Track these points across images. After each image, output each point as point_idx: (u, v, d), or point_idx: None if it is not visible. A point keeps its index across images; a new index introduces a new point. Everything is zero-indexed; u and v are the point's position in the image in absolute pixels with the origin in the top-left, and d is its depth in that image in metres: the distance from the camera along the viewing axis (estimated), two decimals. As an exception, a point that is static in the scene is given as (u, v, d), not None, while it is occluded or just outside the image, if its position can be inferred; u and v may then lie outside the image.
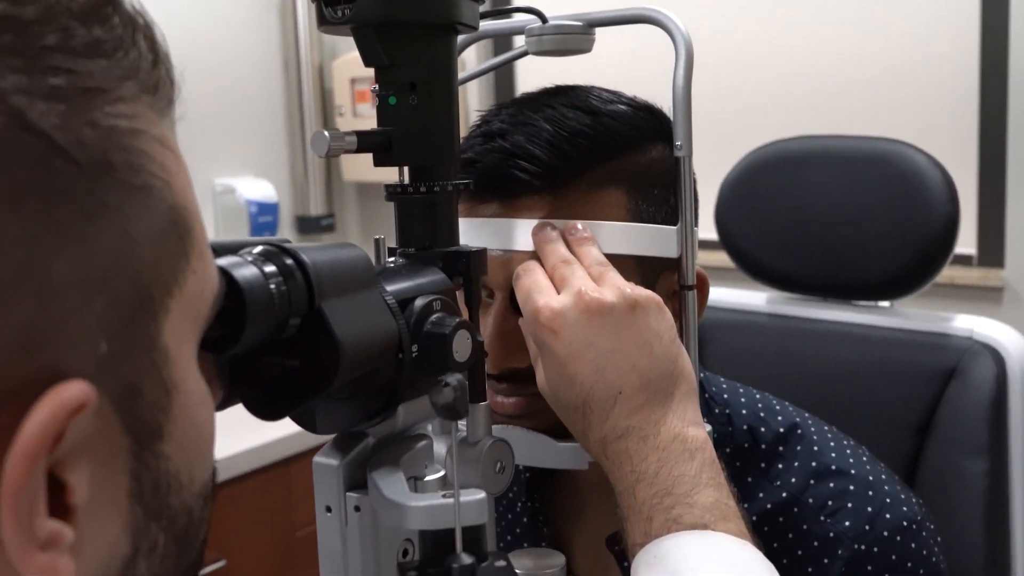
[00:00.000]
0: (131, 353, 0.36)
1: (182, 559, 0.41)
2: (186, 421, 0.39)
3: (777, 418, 0.90)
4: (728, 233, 1.38)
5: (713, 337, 1.42)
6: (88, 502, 0.35)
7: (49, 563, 0.33)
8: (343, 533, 0.56)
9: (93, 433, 0.34)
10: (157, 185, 0.37)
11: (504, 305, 0.77)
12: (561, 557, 0.72)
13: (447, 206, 0.63)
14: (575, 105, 0.79)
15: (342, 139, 0.58)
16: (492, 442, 0.61)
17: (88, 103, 0.34)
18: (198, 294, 0.40)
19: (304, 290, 0.48)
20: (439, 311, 0.56)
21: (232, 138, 2.66)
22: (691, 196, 0.78)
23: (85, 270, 0.33)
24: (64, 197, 0.33)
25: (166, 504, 0.39)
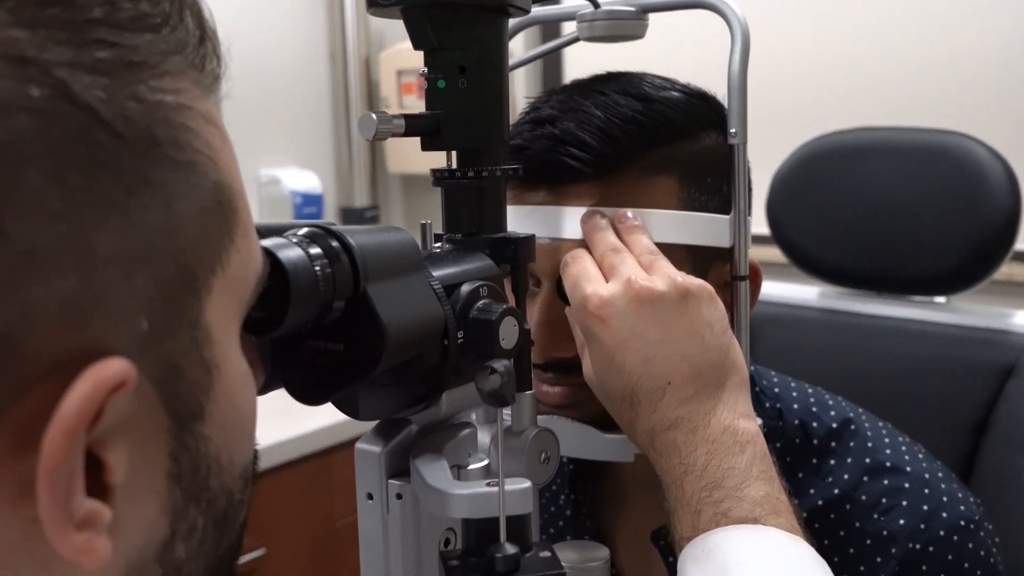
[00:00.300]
0: (172, 331, 0.35)
1: (222, 542, 0.41)
2: (227, 402, 0.39)
3: (830, 413, 0.88)
4: (780, 226, 1.37)
5: (763, 332, 1.41)
6: (126, 482, 0.34)
7: (86, 543, 0.33)
8: (384, 521, 0.55)
9: (133, 412, 0.34)
10: (202, 161, 0.36)
11: (551, 294, 0.76)
12: (605, 550, 0.71)
13: (495, 192, 0.63)
14: (627, 91, 0.77)
15: (390, 122, 0.57)
16: (537, 432, 0.61)
17: (133, 77, 0.34)
18: (241, 274, 0.39)
19: (349, 273, 0.47)
20: (486, 297, 0.55)
21: (278, 129, 2.68)
22: (745, 185, 0.76)
23: (127, 245, 0.33)
24: (107, 171, 0.32)
25: (206, 486, 0.39)
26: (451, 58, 0.59)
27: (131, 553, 0.36)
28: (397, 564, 0.55)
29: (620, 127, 0.75)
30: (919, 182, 1.25)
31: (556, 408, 0.79)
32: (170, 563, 0.38)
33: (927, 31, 2.07)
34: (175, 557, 0.38)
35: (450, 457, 0.55)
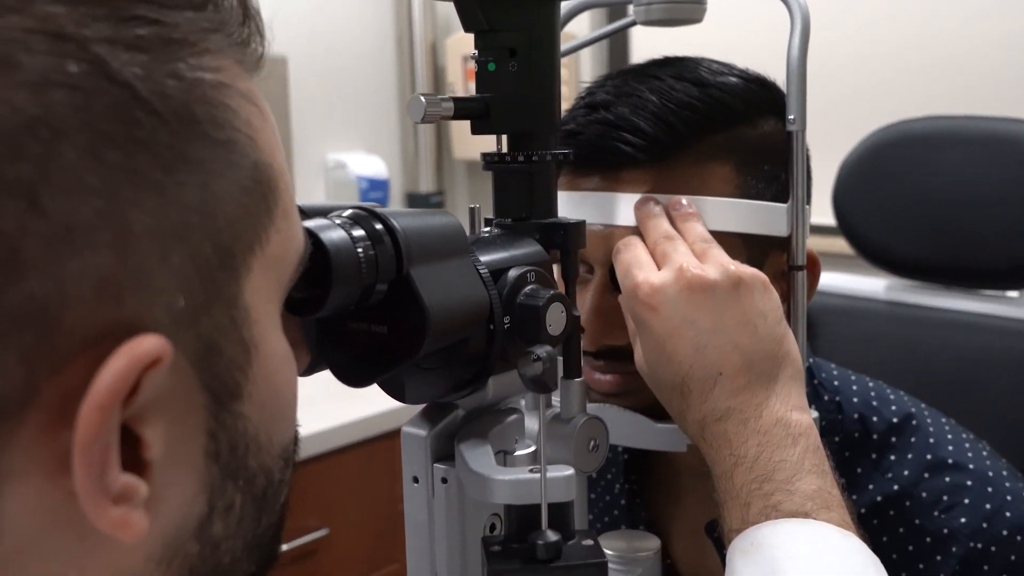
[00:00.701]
0: (210, 310, 0.35)
1: (261, 521, 0.41)
2: (266, 382, 0.39)
3: (891, 407, 0.86)
4: (847, 217, 1.34)
5: (827, 324, 1.39)
6: (163, 458, 0.35)
7: (122, 517, 0.33)
8: (429, 504, 0.55)
9: (169, 389, 0.34)
10: (241, 140, 0.36)
11: (603, 281, 0.75)
12: (656, 540, 0.71)
13: (546, 176, 0.62)
14: (683, 76, 0.76)
15: (439, 105, 0.57)
16: (586, 419, 0.60)
17: (172, 54, 0.34)
18: (282, 254, 0.39)
19: (392, 255, 0.47)
20: (533, 283, 0.55)
21: (345, 114, 2.70)
22: (803, 172, 0.74)
23: (163, 223, 0.33)
24: (144, 148, 0.32)
25: (244, 465, 0.39)
26: (502, 40, 0.59)
27: (168, 529, 0.37)
28: (442, 548, 0.55)
29: (675, 112, 0.74)
30: (992, 172, 1.21)
31: (608, 396, 0.78)
32: (208, 540, 0.38)
33: (1004, 13, 2.00)
34: (213, 534, 0.38)
35: (496, 443, 0.55)
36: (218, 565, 0.39)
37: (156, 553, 0.37)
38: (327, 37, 2.64)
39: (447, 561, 0.55)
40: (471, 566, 0.54)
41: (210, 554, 0.39)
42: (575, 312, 0.60)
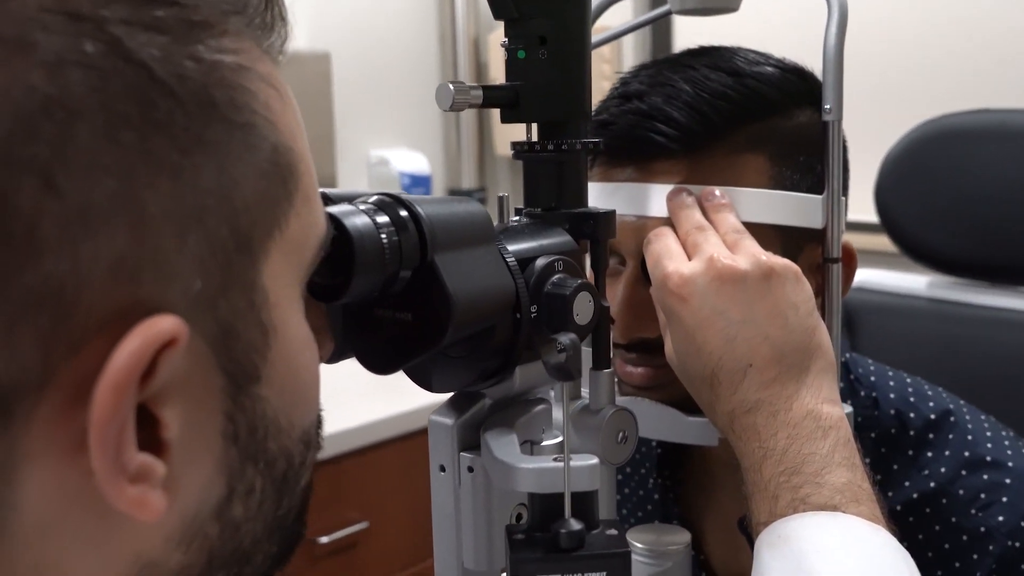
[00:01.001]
0: (228, 293, 0.35)
1: (282, 503, 0.41)
2: (285, 365, 0.39)
3: (928, 404, 0.84)
4: (889, 213, 1.32)
5: (868, 321, 1.37)
6: (181, 439, 0.35)
7: (139, 497, 0.33)
8: (456, 493, 0.55)
9: (187, 370, 0.34)
10: (260, 123, 0.36)
11: (635, 273, 0.75)
12: (686, 534, 0.70)
13: (576, 165, 0.61)
14: (718, 66, 0.75)
15: (467, 92, 0.56)
16: (614, 411, 0.59)
17: (192, 36, 0.34)
18: (302, 239, 0.39)
19: (417, 242, 0.47)
20: (561, 272, 0.54)
21: (387, 110, 2.71)
22: (839, 163, 0.73)
23: (180, 205, 0.33)
24: (160, 130, 0.32)
25: (263, 448, 0.38)
26: (532, 28, 0.58)
27: (188, 509, 0.37)
28: (468, 537, 0.55)
29: (709, 102, 0.73)
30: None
31: (639, 389, 0.77)
32: (228, 522, 0.38)
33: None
34: (233, 516, 0.38)
35: (523, 432, 0.55)
36: (239, 547, 0.39)
37: (176, 534, 0.37)
38: (370, 33, 2.65)
39: (473, 550, 0.55)
40: (496, 555, 0.54)
41: (230, 536, 0.39)
42: (604, 302, 0.59)
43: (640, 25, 0.85)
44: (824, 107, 0.72)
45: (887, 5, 2.07)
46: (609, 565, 0.46)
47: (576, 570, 0.46)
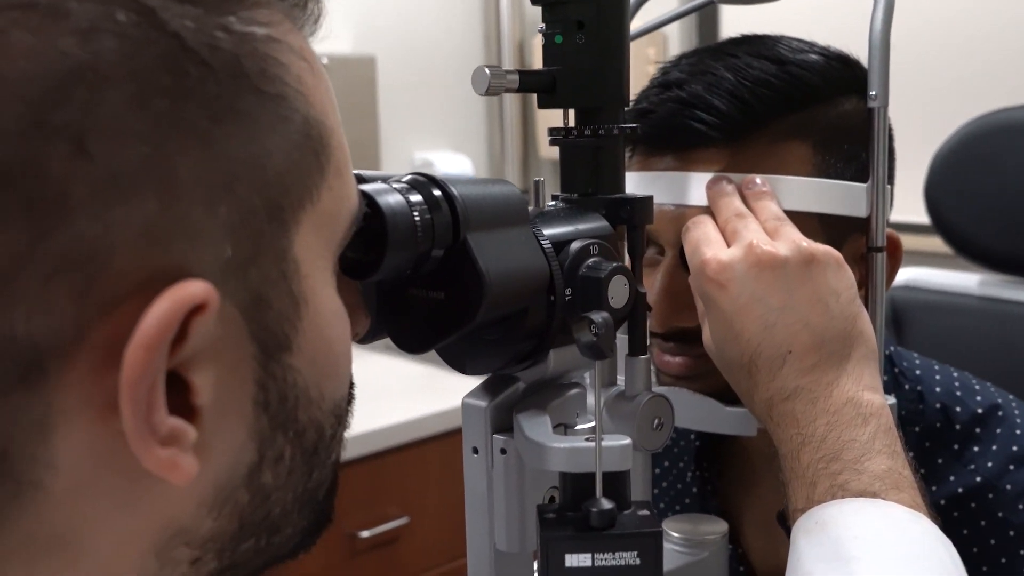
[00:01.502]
0: (259, 262, 0.36)
1: (312, 475, 0.41)
2: (317, 336, 0.39)
3: (975, 398, 0.83)
4: (939, 209, 1.30)
5: (918, 320, 1.36)
6: (212, 405, 0.35)
7: (170, 459, 0.34)
8: (488, 475, 0.55)
9: (218, 337, 0.35)
10: (291, 95, 0.36)
11: (674, 262, 0.74)
12: (723, 524, 0.69)
13: (613, 151, 0.61)
14: (760, 54, 0.74)
15: (503, 77, 0.56)
16: (650, 397, 0.59)
17: (225, 8, 0.34)
18: (334, 211, 0.39)
19: (449, 221, 0.47)
20: (596, 255, 0.54)
21: (432, 113, 2.73)
22: (884, 151, 0.72)
23: (210, 173, 0.33)
24: (192, 98, 0.33)
25: (294, 417, 0.39)
26: (569, 12, 0.58)
27: (219, 475, 0.37)
28: (500, 518, 0.55)
29: (751, 90, 0.72)
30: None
31: (678, 379, 0.77)
32: (258, 489, 0.39)
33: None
34: (263, 484, 0.39)
35: (556, 415, 0.55)
36: (268, 515, 0.40)
37: (207, 499, 0.37)
38: (415, 37, 2.67)
39: (505, 531, 0.55)
40: (528, 537, 0.54)
41: (260, 503, 0.39)
42: (640, 288, 0.59)
43: (683, 14, 0.84)
44: (870, 93, 0.71)
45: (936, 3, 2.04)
46: (640, 544, 0.46)
47: (607, 548, 0.46)
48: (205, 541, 0.38)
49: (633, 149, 0.78)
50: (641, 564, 0.46)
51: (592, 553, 0.46)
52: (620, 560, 0.46)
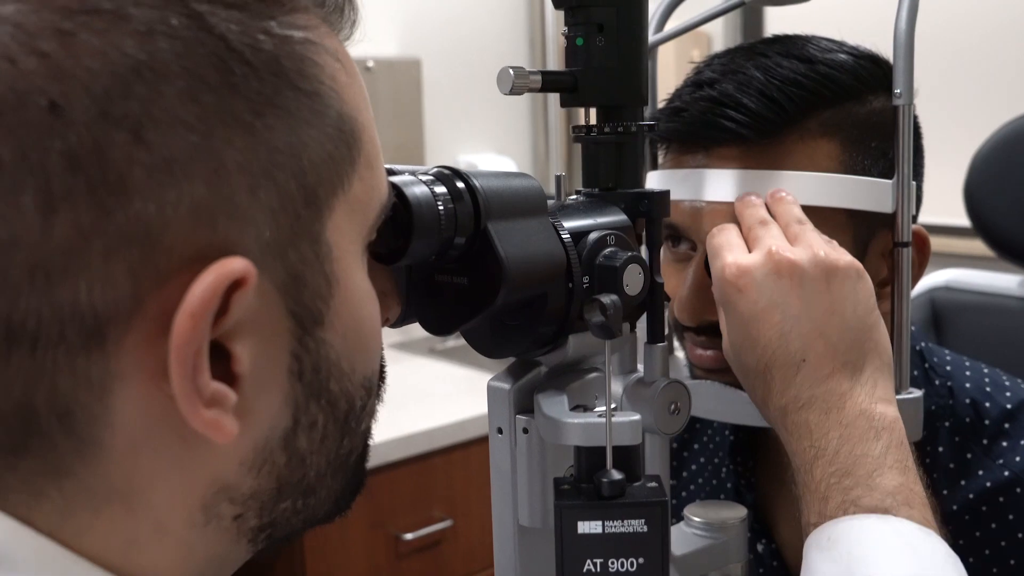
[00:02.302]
0: (295, 243, 0.40)
1: (343, 443, 0.46)
2: (348, 314, 0.44)
3: (1006, 394, 0.85)
4: (979, 210, 1.32)
5: (958, 319, 1.37)
6: (251, 373, 0.40)
7: (214, 419, 0.38)
8: (512, 453, 0.59)
9: (256, 311, 0.39)
10: (326, 93, 0.41)
11: (705, 257, 0.77)
12: (743, 509, 0.72)
13: (632, 147, 0.65)
14: (790, 53, 0.77)
15: (526, 77, 0.61)
16: (667, 383, 0.62)
17: (265, 13, 0.39)
18: (365, 200, 0.44)
19: (471, 211, 0.51)
20: (613, 245, 0.58)
21: (476, 114, 2.78)
22: (909, 147, 0.74)
23: (252, 160, 0.38)
24: (237, 93, 0.38)
25: (326, 387, 0.43)
26: (590, 16, 0.62)
27: (258, 437, 0.42)
28: (523, 494, 0.59)
29: (780, 89, 0.75)
30: None
31: (709, 372, 0.79)
32: (294, 452, 0.43)
33: None
34: (298, 447, 0.44)
35: (575, 397, 0.58)
36: (304, 477, 0.44)
37: (248, 459, 0.42)
38: (461, 39, 2.73)
39: (528, 507, 0.59)
40: (549, 512, 0.58)
41: (297, 466, 0.44)
42: (657, 278, 0.63)
43: (712, 17, 0.87)
44: (895, 91, 0.73)
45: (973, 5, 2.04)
46: (647, 513, 0.49)
47: (616, 516, 0.49)
48: (247, 499, 0.43)
49: (667, 147, 0.82)
50: (648, 531, 0.50)
51: (602, 521, 0.50)
52: (628, 527, 0.50)
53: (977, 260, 1.51)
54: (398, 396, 2.23)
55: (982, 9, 2.05)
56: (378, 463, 1.91)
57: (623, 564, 0.50)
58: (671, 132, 0.79)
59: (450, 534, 2.02)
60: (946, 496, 0.83)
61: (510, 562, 0.60)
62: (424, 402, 2.14)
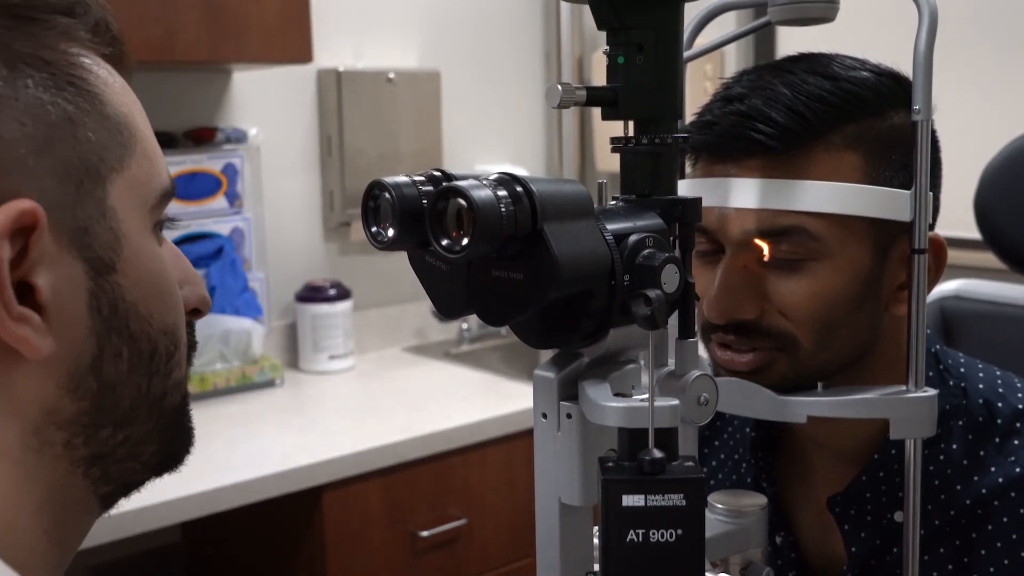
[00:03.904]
0: (82, 203, 0.52)
1: (153, 384, 0.56)
2: (138, 265, 0.54)
3: (1017, 395, 0.90)
4: (989, 223, 1.35)
5: (968, 328, 1.41)
6: (53, 301, 0.50)
7: (23, 335, 0.49)
8: (555, 437, 0.65)
9: (54, 254, 0.50)
10: (99, 92, 0.53)
11: (733, 259, 0.83)
12: (762, 498, 0.78)
13: (668, 158, 0.70)
14: (816, 71, 0.83)
15: (573, 92, 0.66)
16: (697, 375, 0.68)
17: (47, 36, 0.53)
18: (144, 181, 0.56)
19: (529, 213, 0.57)
20: (651, 247, 0.63)
21: (492, 127, 2.84)
22: (927, 160, 0.78)
23: (34, 134, 0.50)
24: (25, 85, 0.51)
25: (125, 324, 0.54)
26: (631, 37, 0.68)
27: (70, 360, 0.52)
28: (565, 475, 0.65)
29: (807, 104, 0.80)
30: None
31: (735, 374, 0.84)
32: (103, 379, 0.53)
33: None
34: (105, 374, 0.53)
35: (615, 385, 0.64)
36: (116, 406, 0.54)
37: (64, 382, 0.52)
38: (478, 53, 2.79)
39: (569, 486, 0.64)
40: (590, 491, 0.63)
41: (108, 392, 0.54)
42: (689, 278, 0.68)
43: (742, 35, 0.92)
44: (914, 107, 0.77)
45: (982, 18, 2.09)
46: (686, 488, 0.55)
47: (657, 491, 0.55)
48: (70, 423, 0.52)
49: (697, 157, 0.87)
50: (687, 505, 0.55)
51: (645, 495, 0.55)
52: (669, 501, 0.55)
53: (989, 272, 1.55)
54: (416, 398, 2.30)
55: (992, 26, 2.11)
56: (397, 461, 1.97)
57: (663, 535, 0.55)
58: (702, 144, 0.85)
59: (465, 532, 2.08)
60: (959, 491, 0.87)
61: (553, 537, 0.65)
62: (441, 404, 2.19)
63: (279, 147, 2.53)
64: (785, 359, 0.83)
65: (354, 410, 2.23)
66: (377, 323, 2.69)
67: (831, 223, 0.81)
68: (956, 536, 0.88)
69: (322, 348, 2.50)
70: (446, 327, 2.78)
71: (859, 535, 0.91)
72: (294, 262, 2.58)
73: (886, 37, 1.56)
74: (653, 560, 0.55)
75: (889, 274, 0.85)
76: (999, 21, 2.14)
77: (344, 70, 2.54)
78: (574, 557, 0.65)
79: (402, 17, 2.66)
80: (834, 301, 0.82)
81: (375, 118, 2.58)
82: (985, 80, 2.12)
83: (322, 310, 2.49)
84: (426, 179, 0.61)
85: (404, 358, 2.66)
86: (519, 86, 2.88)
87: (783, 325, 0.83)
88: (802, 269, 0.82)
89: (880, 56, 0.87)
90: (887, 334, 0.87)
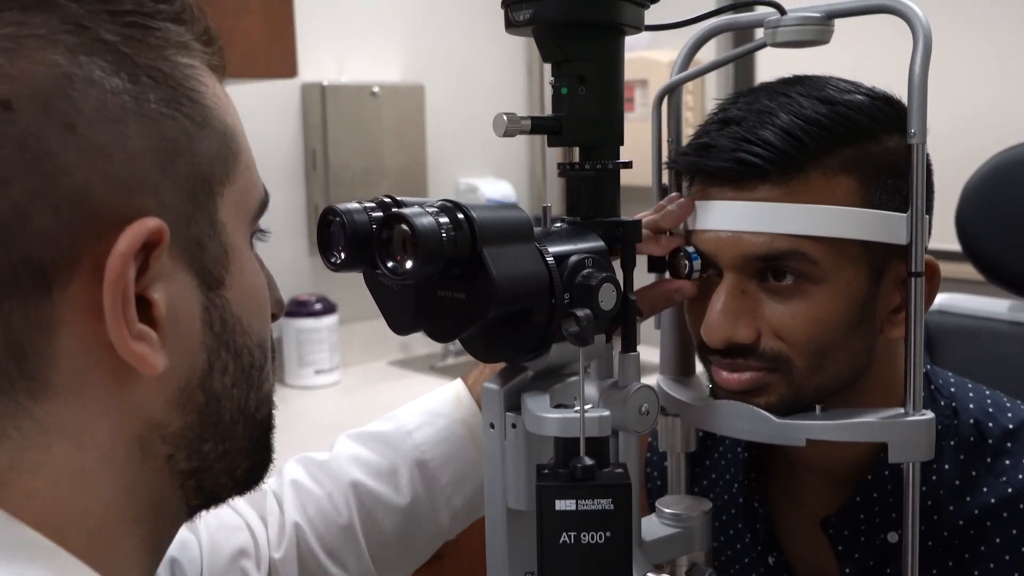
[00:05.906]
0: (196, 217, 0.54)
1: (251, 396, 0.58)
2: (243, 280, 0.57)
3: (1007, 415, 0.92)
4: (970, 238, 1.40)
5: (950, 343, 1.45)
6: (169, 317, 0.53)
7: (141, 353, 0.51)
8: (502, 445, 0.71)
9: (170, 270, 0.53)
10: (210, 105, 0.55)
11: (732, 283, 0.84)
12: (707, 503, 0.84)
13: (611, 182, 0.77)
14: (811, 94, 0.84)
15: (518, 122, 0.72)
16: (638, 387, 0.74)
17: (161, 48, 0.54)
18: (247, 192, 0.58)
19: (469, 237, 0.63)
20: (590, 267, 0.70)
21: (477, 139, 2.91)
22: (923, 183, 0.80)
23: (157, 148, 0.52)
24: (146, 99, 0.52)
25: (232, 338, 0.57)
26: (573, 69, 0.74)
27: (181, 375, 0.54)
28: (511, 482, 0.71)
29: (803, 128, 0.82)
30: None
31: (735, 395, 0.86)
32: (211, 393, 0.56)
33: None
34: (213, 388, 0.56)
35: (557, 397, 0.70)
36: (220, 419, 0.57)
37: (173, 397, 0.54)
38: (462, 67, 2.87)
39: (515, 492, 0.70)
40: (533, 496, 0.70)
41: (214, 405, 0.56)
42: (630, 295, 0.74)
43: (737, 56, 0.94)
44: (909, 131, 0.79)
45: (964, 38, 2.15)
46: (614, 493, 0.61)
47: (587, 495, 0.61)
48: (176, 437, 0.55)
49: (691, 179, 0.90)
50: (615, 509, 0.61)
51: (576, 499, 0.61)
52: (598, 505, 0.61)
53: (966, 284, 1.60)
54: (400, 411, 2.32)
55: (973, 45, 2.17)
56: (379, 477, 2.01)
57: (593, 537, 0.62)
58: (698, 166, 0.87)
59: (453, 547, 2.11)
60: (952, 511, 0.90)
61: (500, 540, 0.72)
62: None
63: (264, 161, 2.55)
64: (781, 381, 0.85)
65: (341, 424, 2.28)
66: (362, 336, 2.74)
67: (827, 247, 0.82)
68: (949, 556, 0.90)
69: (308, 363, 2.57)
70: (431, 341, 2.83)
71: (853, 556, 0.93)
72: (279, 277, 2.61)
73: (868, 61, 1.63)
74: (585, 560, 0.61)
75: (883, 297, 0.86)
76: (978, 33, 2.20)
77: (328, 84, 2.60)
78: (520, 558, 0.72)
79: (386, 31, 2.73)
80: (831, 325, 0.83)
81: (359, 132, 2.65)
82: (964, 98, 2.18)
83: (307, 324, 2.55)
84: (376, 205, 0.67)
85: (389, 372, 2.72)
86: (501, 100, 2.95)
87: (779, 348, 0.84)
88: (799, 293, 0.83)
89: (858, 76, 0.89)
90: (881, 356, 0.88)
